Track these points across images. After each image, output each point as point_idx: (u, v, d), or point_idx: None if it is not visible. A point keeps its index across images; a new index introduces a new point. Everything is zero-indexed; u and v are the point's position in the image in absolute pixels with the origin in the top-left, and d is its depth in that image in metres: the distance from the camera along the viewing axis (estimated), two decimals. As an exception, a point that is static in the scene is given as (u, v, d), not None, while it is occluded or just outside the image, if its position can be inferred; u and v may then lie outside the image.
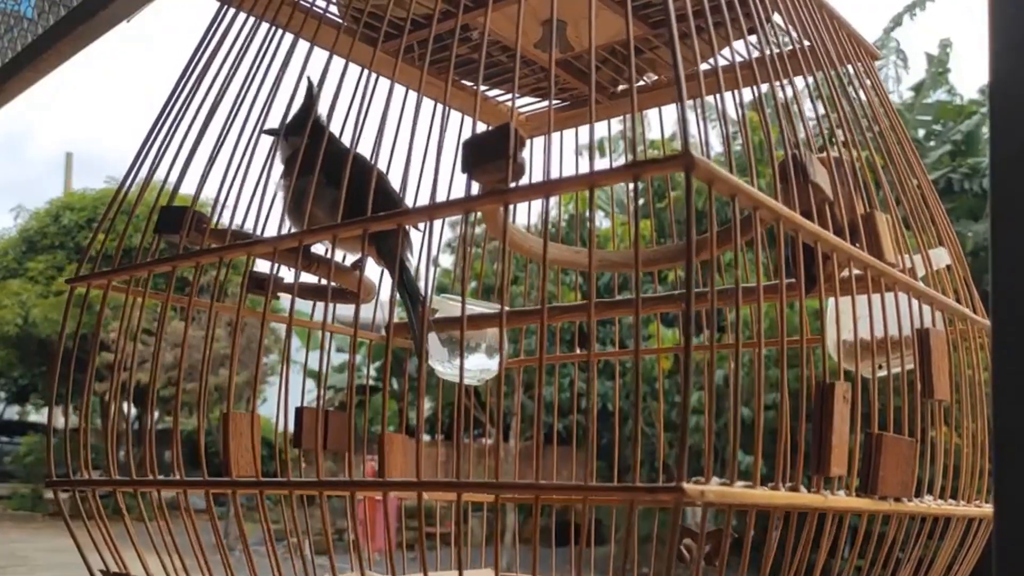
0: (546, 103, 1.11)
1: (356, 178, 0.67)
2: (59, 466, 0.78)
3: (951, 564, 0.76)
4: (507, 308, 1.03)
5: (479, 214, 1.23)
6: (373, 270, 0.94)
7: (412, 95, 0.96)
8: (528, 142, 1.12)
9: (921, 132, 8.90)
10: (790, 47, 0.68)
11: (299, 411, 0.78)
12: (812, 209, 0.60)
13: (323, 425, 0.77)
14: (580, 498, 0.53)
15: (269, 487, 0.67)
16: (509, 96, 1.09)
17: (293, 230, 0.72)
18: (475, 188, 0.78)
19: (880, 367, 0.64)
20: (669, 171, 0.52)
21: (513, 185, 0.55)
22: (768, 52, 0.65)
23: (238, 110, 0.75)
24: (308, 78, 0.81)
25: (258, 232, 0.75)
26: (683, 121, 0.51)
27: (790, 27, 0.70)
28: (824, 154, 0.67)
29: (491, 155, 0.56)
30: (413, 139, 0.68)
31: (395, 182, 0.86)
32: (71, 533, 0.72)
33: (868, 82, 0.83)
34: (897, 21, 9.28)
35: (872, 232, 0.68)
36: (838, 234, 0.61)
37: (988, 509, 0.79)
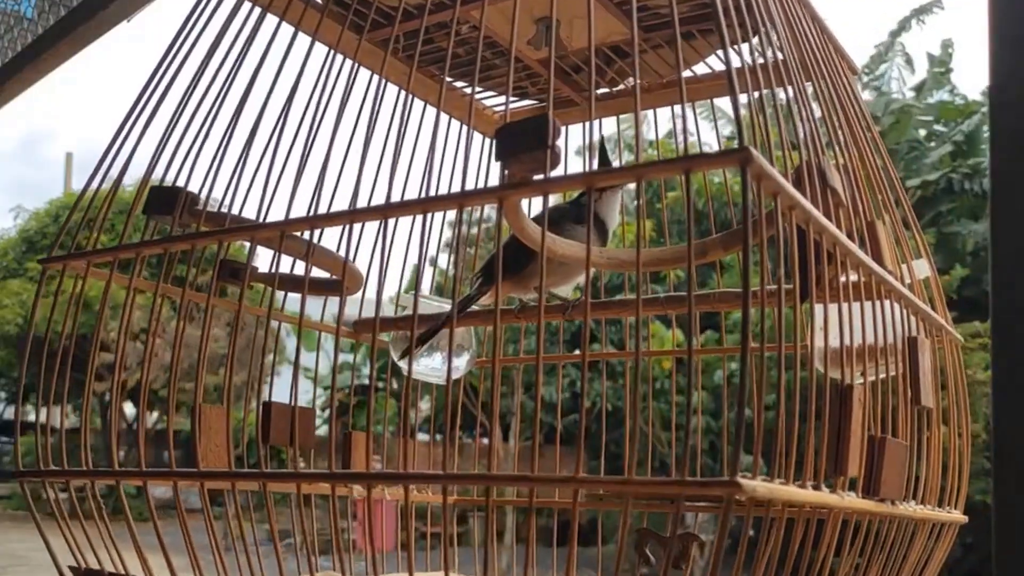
0: (524, 102, 1.10)
1: None
2: (31, 458, 0.75)
3: (923, 567, 0.77)
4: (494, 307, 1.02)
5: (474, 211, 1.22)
6: (361, 260, 0.92)
7: (396, 90, 0.96)
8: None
9: (922, 132, 8.91)
10: (791, 54, 0.68)
11: (267, 406, 0.75)
12: (831, 213, 0.60)
13: (290, 421, 0.75)
14: (571, 493, 0.52)
15: (241, 479, 0.64)
16: (487, 95, 1.09)
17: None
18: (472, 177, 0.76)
19: (862, 374, 0.64)
20: (723, 166, 0.51)
21: (553, 175, 0.53)
22: (765, 58, 0.65)
23: (228, 94, 0.72)
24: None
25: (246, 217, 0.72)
26: (737, 116, 0.50)
27: (788, 35, 0.70)
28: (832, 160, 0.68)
29: (526, 144, 0.54)
30: (372, 127, 0.67)
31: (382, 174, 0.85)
32: (38, 528, 0.71)
33: (851, 97, 0.83)
34: (904, 25, 9.30)
35: (873, 240, 0.69)
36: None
37: (956, 515, 0.80)
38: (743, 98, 0.55)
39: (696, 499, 0.91)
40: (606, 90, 1.05)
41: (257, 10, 0.76)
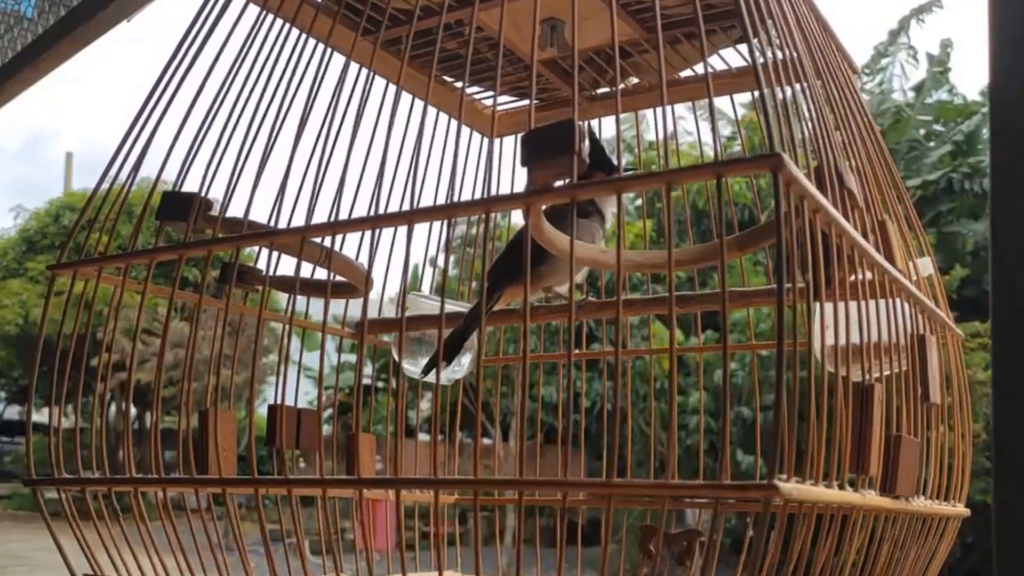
0: (524, 102, 1.11)
1: None
2: (45, 465, 0.75)
3: (928, 562, 0.77)
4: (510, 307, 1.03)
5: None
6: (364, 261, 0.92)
7: (400, 92, 0.96)
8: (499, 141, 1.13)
9: (922, 132, 8.92)
10: (793, 54, 0.68)
11: (272, 409, 0.75)
12: (848, 215, 0.60)
13: (296, 424, 0.75)
14: (606, 494, 0.52)
15: (265, 485, 0.63)
16: (487, 94, 1.09)
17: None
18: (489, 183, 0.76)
19: (870, 371, 0.64)
20: (754, 171, 0.51)
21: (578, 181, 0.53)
22: (766, 59, 0.65)
23: (245, 100, 0.72)
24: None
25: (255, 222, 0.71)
26: (765, 119, 0.50)
27: (792, 33, 0.70)
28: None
29: (552, 150, 0.54)
30: (391, 133, 0.67)
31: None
32: (52, 535, 0.70)
33: (854, 96, 0.83)
34: (904, 25, 9.31)
35: (884, 239, 0.69)
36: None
37: (960, 509, 0.80)
38: (748, 98, 0.55)
39: (740, 499, 0.92)
40: (606, 90, 1.05)
41: (268, 16, 0.76)
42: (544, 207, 0.67)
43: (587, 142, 0.55)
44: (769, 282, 1.01)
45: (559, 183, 0.55)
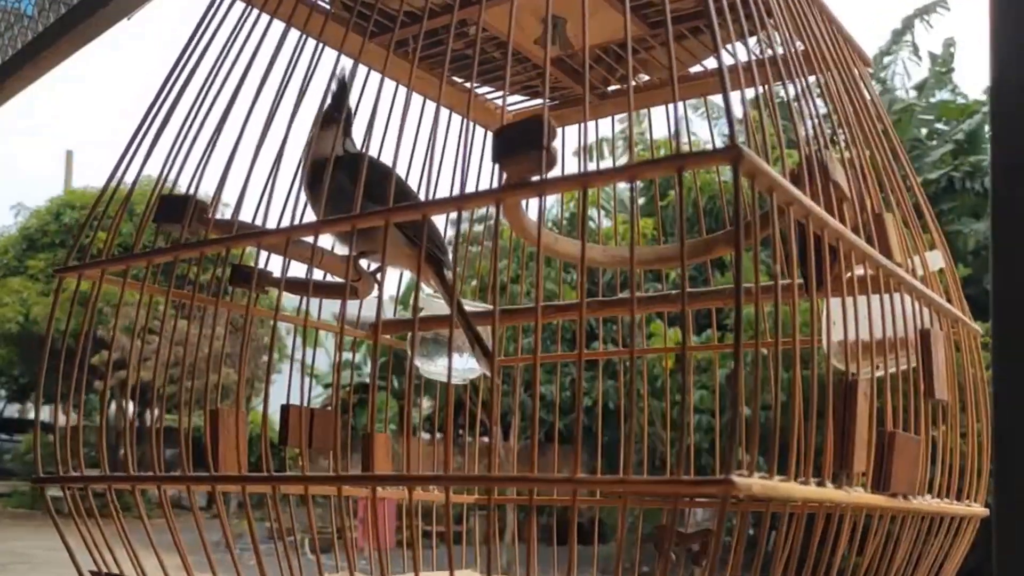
0: (535, 101, 1.10)
1: (375, 183, 0.65)
2: (49, 463, 0.75)
3: (942, 562, 0.76)
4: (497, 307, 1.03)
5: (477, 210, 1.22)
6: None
7: (407, 92, 0.96)
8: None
9: (924, 131, 8.92)
10: (793, 48, 0.68)
11: (284, 409, 0.75)
12: (833, 208, 0.60)
13: (308, 424, 0.75)
14: (571, 490, 0.52)
15: (252, 482, 0.64)
16: (497, 93, 1.09)
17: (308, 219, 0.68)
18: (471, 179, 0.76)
19: (877, 368, 0.64)
20: (714, 164, 0.51)
21: (549, 176, 0.53)
22: (769, 53, 0.65)
23: (240, 102, 0.72)
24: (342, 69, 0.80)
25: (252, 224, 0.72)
26: (728, 113, 0.50)
27: (792, 29, 0.70)
28: (837, 154, 0.67)
29: (523, 145, 0.54)
30: (402, 133, 0.67)
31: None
32: (59, 532, 0.71)
33: (863, 88, 0.82)
34: (908, 24, 9.31)
35: (881, 233, 0.69)
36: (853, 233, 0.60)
37: (977, 508, 0.79)
38: (739, 95, 0.55)
39: (697, 496, 0.92)
40: (617, 87, 1.05)
41: (271, 19, 0.76)
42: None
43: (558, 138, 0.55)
44: (769, 279, 1.01)
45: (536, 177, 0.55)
